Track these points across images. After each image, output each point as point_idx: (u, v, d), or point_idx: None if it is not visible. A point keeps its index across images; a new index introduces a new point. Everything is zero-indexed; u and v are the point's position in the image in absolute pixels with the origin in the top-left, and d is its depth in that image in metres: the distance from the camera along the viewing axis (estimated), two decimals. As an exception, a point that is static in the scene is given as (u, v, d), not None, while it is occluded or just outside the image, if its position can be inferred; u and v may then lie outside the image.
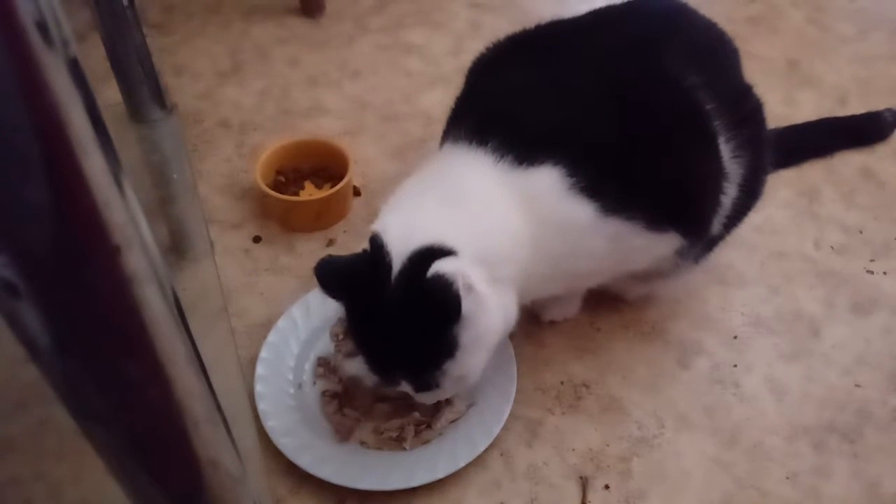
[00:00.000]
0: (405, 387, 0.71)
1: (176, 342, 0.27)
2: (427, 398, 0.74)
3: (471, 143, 0.72)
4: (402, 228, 0.68)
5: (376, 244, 0.67)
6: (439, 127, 0.81)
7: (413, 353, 0.68)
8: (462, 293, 0.62)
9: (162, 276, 0.26)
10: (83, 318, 0.23)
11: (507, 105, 0.75)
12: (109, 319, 0.24)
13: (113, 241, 0.22)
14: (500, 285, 0.69)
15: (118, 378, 0.25)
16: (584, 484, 0.77)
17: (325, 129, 1.13)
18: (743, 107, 0.81)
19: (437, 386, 0.69)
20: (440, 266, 0.63)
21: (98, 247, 0.22)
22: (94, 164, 0.21)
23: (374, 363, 0.71)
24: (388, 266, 0.66)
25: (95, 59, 0.95)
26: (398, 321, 0.66)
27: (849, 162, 1.10)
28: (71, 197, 0.21)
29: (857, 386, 0.85)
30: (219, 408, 0.31)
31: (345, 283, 0.68)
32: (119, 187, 0.23)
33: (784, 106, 1.18)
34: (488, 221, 0.69)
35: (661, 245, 0.78)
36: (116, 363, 0.25)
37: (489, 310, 0.67)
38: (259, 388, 0.79)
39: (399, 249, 0.66)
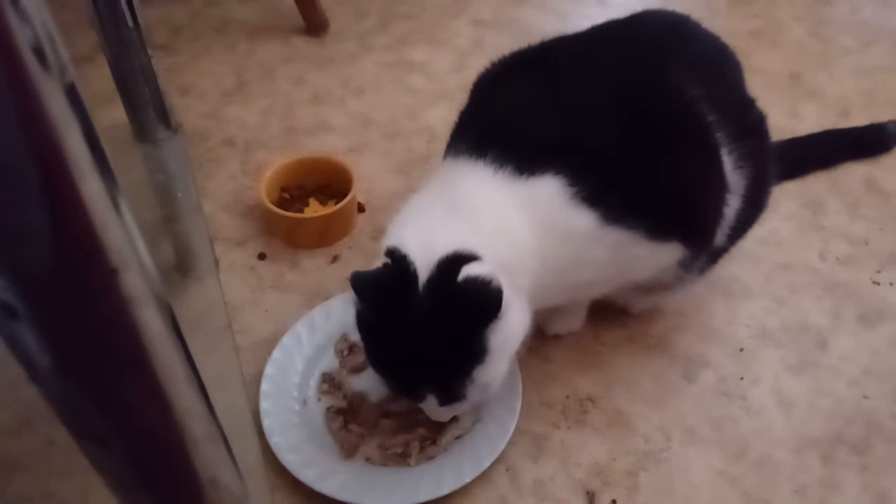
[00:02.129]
0: (429, 401, 0.70)
1: (175, 363, 0.27)
2: (448, 413, 0.74)
3: (471, 155, 0.73)
4: (422, 239, 0.68)
5: (398, 256, 0.67)
6: (442, 143, 0.81)
7: (443, 361, 0.67)
8: (494, 286, 0.63)
9: (160, 297, 0.26)
10: (82, 339, 0.23)
11: (509, 117, 0.76)
12: (108, 341, 0.24)
13: (111, 264, 0.22)
14: (517, 293, 0.70)
15: (117, 400, 0.25)
16: (591, 499, 0.77)
17: (330, 146, 1.14)
18: (746, 119, 0.81)
19: (464, 397, 0.69)
20: (472, 269, 0.65)
21: (96, 269, 0.23)
22: (91, 187, 0.22)
23: (399, 379, 0.70)
24: (414, 276, 0.66)
25: (102, 79, 0.96)
26: (428, 330, 0.66)
27: (853, 173, 1.10)
28: (68, 220, 0.21)
29: (865, 397, 0.85)
30: (219, 426, 0.31)
31: (373, 294, 0.68)
32: (116, 209, 0.23)
33: (787, 118, 1.18)
34: (501, 230, 0.70)
35: (663, 255, 0.78)
36: (115, 385, 0.25)
37: (514, 314, 0.68)
38: (264, 404, 0.80)
39: (423, 259, 0.67)
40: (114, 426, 0.26)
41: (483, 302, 0.64)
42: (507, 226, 0.70)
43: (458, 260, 0.66)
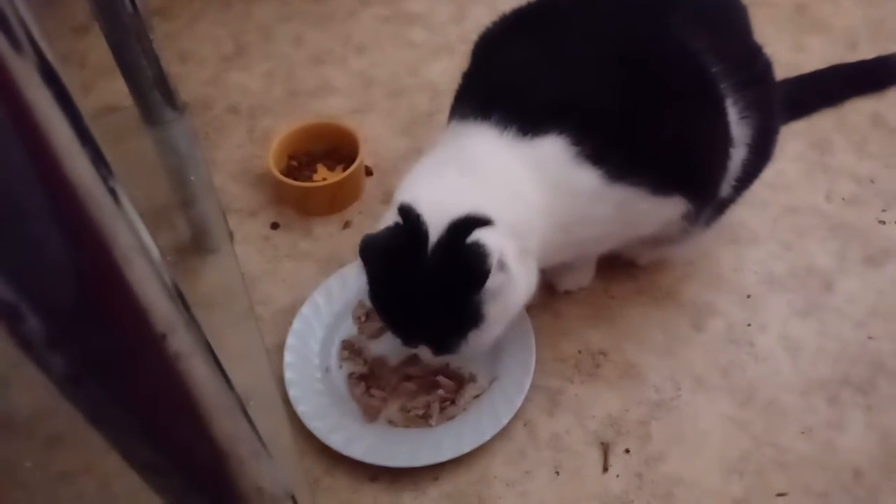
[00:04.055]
0: (423, 350, 0.74)
1: (219, 398, 0.29)
2: (441, 360, 0.78)
3: (477, 118, 0.73)
4: (435, 199, 0.69)
5: (412, 216, 0.68)
6: (446, 99, 0.81)
7: (441, 321, 0.70)
8: (493, 268, 0.65)
9: (202, 344, 0.28)
10: (135, 393, 0.25)
11: (511, 77, 0.76)
12: (158, 391, 0.26)
13: (159, 330, 0.24)
14: (526, 256, 0.72)
15: (169, 439, 0.28)
16: (606, 449, 0.80)
17: (333, 108, 1.14)
18: (752, 67, 0.81)
19: (455, 352, 0.73)
20: (481, 235, 0.66)
21: (145, 336, 0.25)
22: (138, 269, 0.23)
23: (398, 326, 0.74)
24: (425, 237, 0.68)
25: (103, 52, 0.96)
26: (431, 288, 0.68)
27: (860, 110, 1.09)
28: (116, 299, 0.23)
29: (870, 338, 0.87)
30: (260, 440, 0.34)
31: (381, 255, 0.69)
32: (161, 283, 0.25)
33: (793, 53, 1.17)
34: (512, 192, 0.71)
35: (667, 209, 0.79)
36: (167, 427, 0.27)
37: (517, 286, 0.70)
38: (288, 374, 0.83)
39: (435, 219, 0.68)
40: (167, 460, 0.29)
41: (473, 270, 0.65)
42: (516, 188, 0.71)
43: (470, 223, 0.67)
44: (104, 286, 0.22)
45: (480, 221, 0.67)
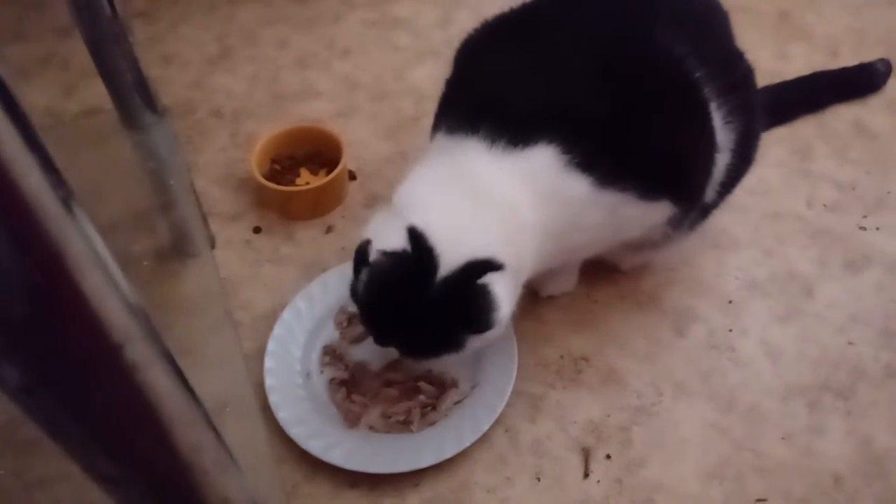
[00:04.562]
0: (391, 350, 0.74)
1: (181, 408, 0.29)
2: (409, 363, 0.80)
3: (466, 131, 0.73)
4: (448, 231, 0.69)
5: (423, 245, 0.68)
6: (430, 103, 0.81)
7: (423, 339, 0.71)
8: (499, 317, 0.67)
9: (164, 355, 0.27)
10: (90, 404, 0.25)
11: (497, 88, 0.75)
12: (116, 402, 0.26)
13: (114, 340, 0.24)
14: (517, 289, 0.73)
15: (128, 449, 0.27)
16: (587, 455, 0.80)
17: (317, 112, 1.14)
18: (734, 73, 0.81)
19: (423, 363, 0.75)
20: (493, 281, 0.67)
21: (100, 346, 0.24)
22: (93, 279, 0.23)
23: (375, 324, 0.74)
24: (435, 268, 0.68)
25: (84, 54, 0.95)
26: (430, 319, 0.69)
27: (841, 116, 1.10)
28: (72, 310, 0.23)
29: (850, 343, 0.88)
30: (226, 451, 0.33)
31: (383, 279, 0.69)
32: (116, 290, 0.25)
33: (776, 61, 1.17)
34: (517, 225, 0.71)
35: (655, 214, 0.79)
36: (125, 436, 0.27)
37: (502, 326, 0.71)
38: (269, 380, 0.82)
39: (449, 254, 0.68)
40: (126, 472, 0.28)
41: (479, 315, 0.67)
42: (518, 218, 0.71)
43: (485, 267, 0.68)
44: (56, 297, 0.22)
45: (495, 266, 0.68)
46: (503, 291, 0.68)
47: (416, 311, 0.69)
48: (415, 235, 0.69)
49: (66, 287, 0.22)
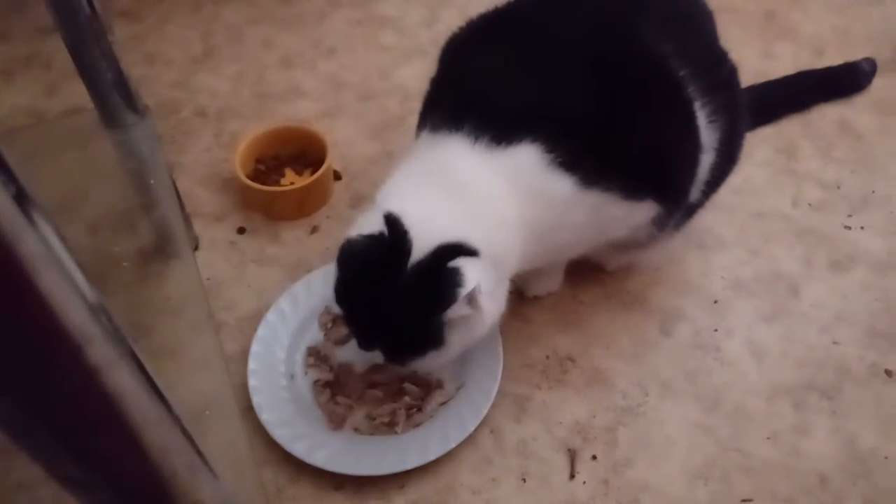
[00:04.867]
0: (376, 354, 0.73)
1: (147, 410, 0.28)
2: (395, 367, 0.78)
3: (450, 129, 0.72)
4: (423, 217, 0.68)
5: (398, 228, 0.68)
6: (416, 103, 0.81)
7: (402, 335, 0.70)
8: (461, 300, 0.65)
9: (127, 356, 0.27)
10: (52, 407, 0.24)
11: (481, 86, 0.75)
12: (78, 405, 0.25)
13: (74, 341, 0.23)
14: (501, 283, 0.72)
15: (93, 452, 0.27)
16: (573, 456, 0.80)
17: (303, 111, 1.13)
18: (718, 72, 0.81)
19: (408, 365, 0.73)
20: (463, 263, 0.66)
21: (60, 348, 0.24)
22: (49, 277, 0.22)
23: (358, 327, 0.73)
24: (408, 252, 0.67)
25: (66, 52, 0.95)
26: (400, 303, 0.68)
27: (826, 116, 1.10)
28: (30, 314, 0.22)
29: (835, 343, 0.88)
30: (197, 453, 0.33)
31: (359, 260, 0.69)
32: (76, 293, 0.24)
33: (762, 60, 1.18)
34: (497, 218, 0.70)
35: (639, 213, 0.79)
36: (90, 440, 0.26)
37: (483, 319, 0.70)
38: (252, 382, 0.82)
39: (421, 237, 0.67)
40: (93, 474, 0.28)
41: (443, 293, 0.66)
42: (499, 211, 0.70)
43: (457, 250, 0.67)
44: (10, 298, 0.21)
45: (467, 250, 0.67)
46: (475, 274, 0.66)
47: (390, 296, 0.68)
48: (391, 220, 0.68)
49: (19, 287, 0.21)
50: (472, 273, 0.66)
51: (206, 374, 0.69)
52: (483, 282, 0.67)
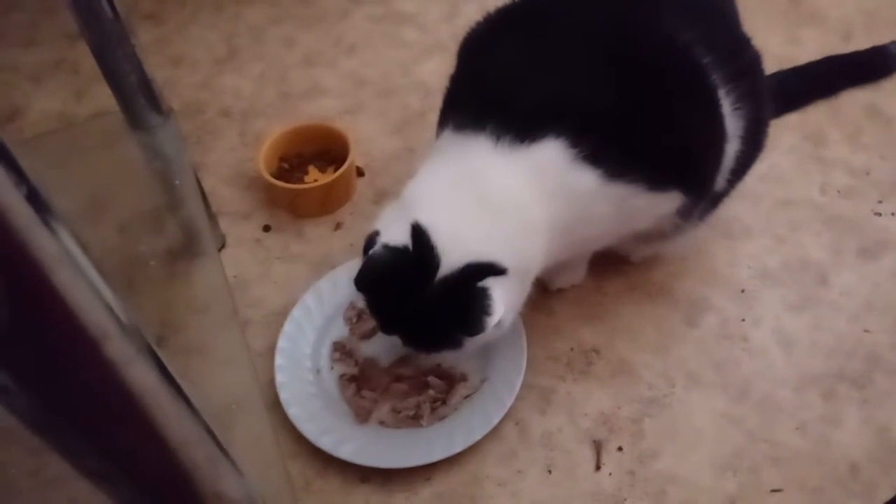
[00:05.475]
0: (395, 339, 0.74)
1: (166, 404, 0.29)
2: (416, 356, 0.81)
3: (473, 129, 0.72)
4: (452, 231, 0.69)
5: (425, 243, 0.68)
6: (437, 98, 0.81)
7: (424, 334, 0.72)
8: (491, 322, 0.66)
9: (145, 350, 0.27)
10: (72, 402, 0.25)
11: (502, 82, 0.75)
12: (98, 400, 0.26)
13: (92, 337, 0.24)
14: (525, 287, 0.73)
15: (114, 446, 0.27)
16: (598, 447, 0.80)
17: (325, 109, 1.14)
18: (742, 59, 0.80)
19: (425, 354, 0.76)
20: (492, 284, 0.67)
21: (79, 344, 0.24)
22: (64, 275, 0.23)
23: (382, 316, 0.74)
24: (436, 267, 0.68)
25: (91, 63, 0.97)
26: (425, 310, 0.69)
27: (854, 101, 1.08)
28: (48, 311, 0.23)
29: (866, 331, 0.86)
30: (217, 445, 0.33)
31: (382, 275, 0.70)
32: (93, 291, 0.25)
33: (787, 46, 1.16)
34: (524, 225, 0.71)
35: (664, 204, 0.78)
36: (111, 434, 0.27)
37: (502, 331, 0.72)
38: (279, 377, 0.83)
39: (450, 253, 0.68)
40: (115, 467, 0.28)
41: (473, 318, 0.67)
42: (525, 217, 0.70)
43: (485, 270, 0.68)
44: (27, 296, 0.22)
45: (496, 270, 0.68)
46: (501, 296, 0.67)
47: (415, 307, 0.69)
48: (418, 232, 0.69)
49: (37, 286, 0.22)
50: (500, 298, 0.67)
51: (232, 370, 0.71)
52: (508, 298, 0.68)
